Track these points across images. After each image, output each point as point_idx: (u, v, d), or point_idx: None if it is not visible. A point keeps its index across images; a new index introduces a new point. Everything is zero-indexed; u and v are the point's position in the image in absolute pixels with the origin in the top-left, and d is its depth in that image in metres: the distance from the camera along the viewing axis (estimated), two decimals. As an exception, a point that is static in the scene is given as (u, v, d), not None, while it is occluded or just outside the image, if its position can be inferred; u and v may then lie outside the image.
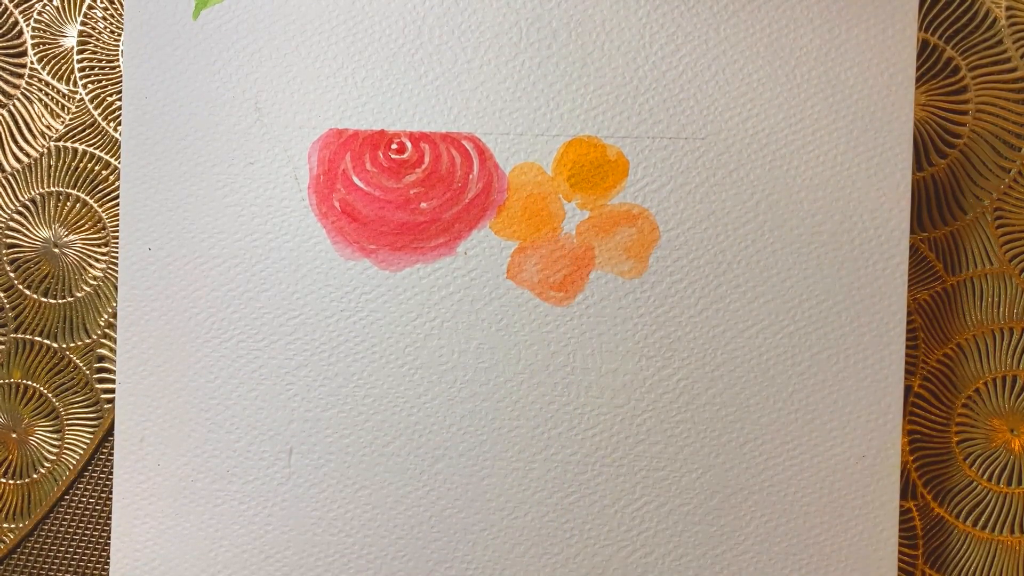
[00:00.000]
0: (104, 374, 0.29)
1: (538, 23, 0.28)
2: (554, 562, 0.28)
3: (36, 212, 0.30)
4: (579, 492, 0.27)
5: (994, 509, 0.29)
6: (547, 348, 0.27)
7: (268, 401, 0.28)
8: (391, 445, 0.28)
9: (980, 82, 0.28)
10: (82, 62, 0.29)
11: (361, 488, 0.28)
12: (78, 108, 0.29)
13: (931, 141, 0.29)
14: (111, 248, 0.29)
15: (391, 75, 0.28)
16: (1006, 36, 0.28)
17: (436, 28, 0.28)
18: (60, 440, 0.30)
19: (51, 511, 0.29)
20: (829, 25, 0.27)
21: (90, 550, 0.29)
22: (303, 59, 0.28)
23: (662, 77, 0.27)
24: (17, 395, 0.30)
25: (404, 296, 0.28)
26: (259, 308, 0.28)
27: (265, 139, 0.28)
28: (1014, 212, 0.29)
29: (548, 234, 0.27)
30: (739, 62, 0.27)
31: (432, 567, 0.28)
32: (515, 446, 0.28)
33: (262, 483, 0.28)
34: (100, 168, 0.29)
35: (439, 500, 0.28)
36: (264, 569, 0.28)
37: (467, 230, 0.28)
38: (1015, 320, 0.29)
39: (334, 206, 0.28)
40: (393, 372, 0.28)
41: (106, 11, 0.29)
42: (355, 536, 0.28)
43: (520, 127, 0.28)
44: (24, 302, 0.30)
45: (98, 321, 0.29)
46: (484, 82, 0.28)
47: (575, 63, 0.28)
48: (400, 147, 0.28)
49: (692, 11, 0.28)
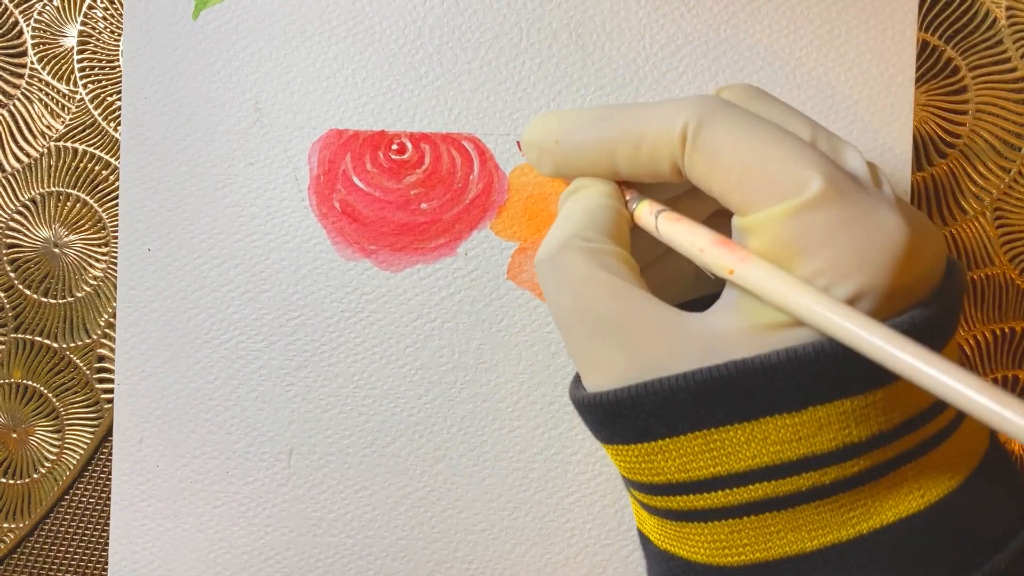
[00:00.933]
0: (104, 374, 0.29)
1: (538, 23, 0.28)
2: (554, 562, 0.28)
3: (36, 212, 0.29)
4: (579, 492, 0.27)
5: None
6: (547, 348, 0.27)
7: (268, 402, 0.28)
8: (391, 446, 0.28)
9: (980, 82, 0.28)
10: (82, 62, 0.29)
11: (361, 489, 0.28)
12: (78, 108, 0.29)
13: (931, 141, 0.29)
14: (111, 248, 0.29)
15: (391, 75, 0.28)
16: (1006, 36, 0.28)
17: (436, 28, 0.28)
18: (60, 440, 0.30)
19: (51, 511, 0.29)
20: (829, 25, 0.27)
21: (90, 550, 0.29)
22: (303, 59, 0.28)
23: (662, 77, 0.27)
24: (17, 395, 0.30)
25: (404, 297, 0.28)
26: (259, 309, 0.28)
27: (265, 139, 0.28)
28: (1014, 212, 0.29)
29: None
30: (739, 62, 0.27)
31: (432, 567, 0.28)
32: (515, 446, 0.28)
33: (262, 484, 0.28)
34: (100, 168, 0.29)
35: (439, 501, 0.28)
36: (264, 570, 0.28)
37: (468, 231, 0.28)
38: (1015, 320, 0.29)
39: (334, 206, 0.28)
40: (393, 373, 0.28)
41: (106, 11, 0.29)
42: (355, 537, 0.28)
43: (520, 127, 0.27)
44: (24, 302, 0.30)
45: (98, 321, 0.29)
46: (484, 82, 0.28)
47: (575, 63, 0.28)
48: (400, 147, 0.28)
49: (692, 11, 0.27)
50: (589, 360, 0.18)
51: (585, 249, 0.18)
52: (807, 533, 0.17)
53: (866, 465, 0.16)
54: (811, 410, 0.16)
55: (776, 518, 0.17)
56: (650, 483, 0.18)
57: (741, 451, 0.16)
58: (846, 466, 0.16)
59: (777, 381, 0.16)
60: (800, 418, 0.16)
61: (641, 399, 0.17)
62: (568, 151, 0.20)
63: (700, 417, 0.16)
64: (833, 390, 0.16)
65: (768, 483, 0.16)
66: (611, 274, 0.18)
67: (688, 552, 0.18)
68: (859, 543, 0.16)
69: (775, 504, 0.16)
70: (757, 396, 0.16)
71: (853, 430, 0.16)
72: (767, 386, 0.16)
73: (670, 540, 0.18)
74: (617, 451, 0.18)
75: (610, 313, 0.17)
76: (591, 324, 0.18)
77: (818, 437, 0.16)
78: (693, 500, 0.17)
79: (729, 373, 0.16)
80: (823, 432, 0.16)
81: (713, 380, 0.16)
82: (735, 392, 0.16)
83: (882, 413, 0.16)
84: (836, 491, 0.16)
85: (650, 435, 0.17)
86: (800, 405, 0.16)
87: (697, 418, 0.16)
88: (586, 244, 0.19)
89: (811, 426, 0.16)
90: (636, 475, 0.18)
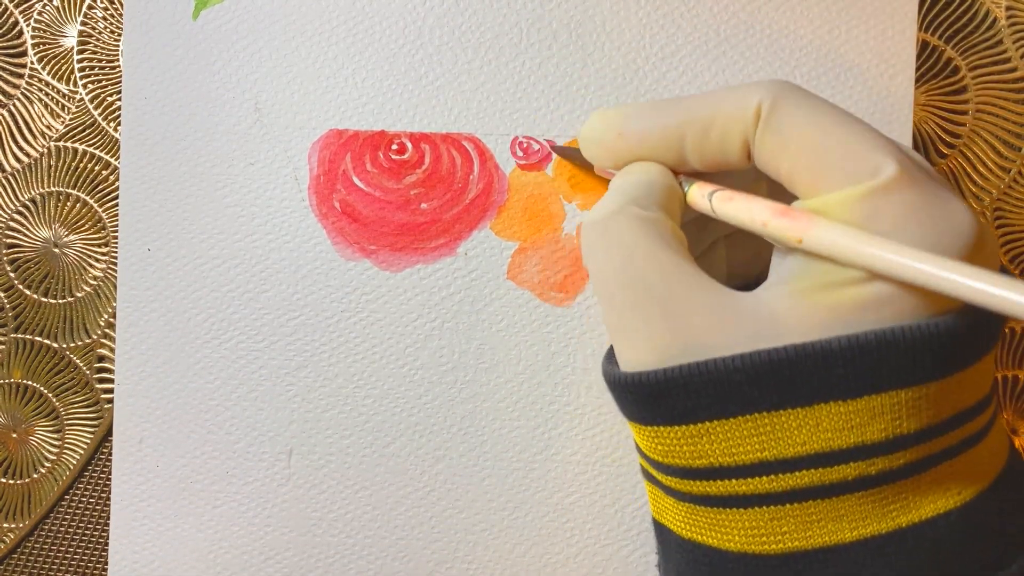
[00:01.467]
0: (104, 374, 0.29)
1: (538, 23, 0.28)
2: (554, 562, 0.28)
3: (36, 212, 0.29)
4: (579, 492, 0.27)
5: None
6: (547, 348, 0.27)
7: (268, 402, 0.28)
8: (391, 446, 0.28)
9: (980, 82, 0.28)
10: (82, 62, 0.29)
11: (361, 489, 0.28)
12: (78, 108, 0.29)
13: (931, 141, 0.29)
14: (111, 248, 0.29)
15: (391, 75, 0.28)
16: (1006, 36, 0.28)
17: (436, 28, 0.28)
18: (60, 440, 0.29)
19: (51, 511, 0.29)
20: (829, 25, 0.27)
21: (90, 550, 0.29)
22: (303, 59, 0.28)
23: (662, 77, 0.27)
24: (17, 395, 0.30)
25: (404, 297, 0.28)
26: (259, 309, 0.28)
27: (265, 139, 0.28)
28: (1014, 212, 0.29)
29: (548, 235, 0.27)
30: (739, 62, 0.27)
31: (432, 567, 0.28)
32: (515, 446, 0.28)
33: (262, 484, 0.28)
34: (100, 168, 0.29)
35: (439, 501, 0.28)
36: (264, 570, 0.28)
37: (467, 231, 0.28)
38: (1015, 320, 0.29)
39: (334, 207, 0.28)
40: (393, 373, 0.28)
41: (106, 11, 0.29)
42: (355, 537, 0.28)
43: (520, 127, 0.27)
44: (24, 302, 0.30)
45: (98, 321, 0.29)
46: (484, 82, 0.28)
47: (575, 63, 0.28)
48: (400, 147, 0.28)
49: (692, 11, 0.27)
50: (629, 331, 0.18)
51: (641, 217, 0.18)
52: (848, 523, 0.16)
53: (912, 458, 0.16)
54: (866, 399, 0.16)
55: (818, 506, 0.16)
56: (689, 467, 0.17)
57: (792, 437, 0.16)
58: (893, 458, 0.16)
59: (836, 367, 0.15)
60: (855, 406, 0.16)
61: (693, 380, 0.16)
62: (632, 142, 0.20)
63: (753, 400, 0.16)
64: (890, 379, 0.15)
65: (815, 471, 0.16)
66: (665, 245, 0.18)
67: (720, 540, 0.18)
68: (897, 536, 0.16)
69: (820, 492, 0.16)
70: (814, 381, 0.16)
71: (904, 421, 0.16)
72: (825, 372, 0.16)
73: (700, 528, 0.18)
74: (655, 433, 0.18)
75: (660, 283, 0.17)
76: (638, 293, 0.17)
77: (870, 426, 0.16)
78: (735, 485, 0.17)
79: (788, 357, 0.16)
80: (875, 421, 0.16)
81: (771, 363, 0.16)
82: (792, 376, 0.16)
83: (933, 406, 0.16)
84: (881, 483, 0.16)
85: (697, 416, 0.17)
86: (856, 393, 0.16)
87: (749, 401, 0.16)
88: (642, 212, 0.18)
89: (865, 415, 0.16)
90: (674, 458, 0.18)
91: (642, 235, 0.18)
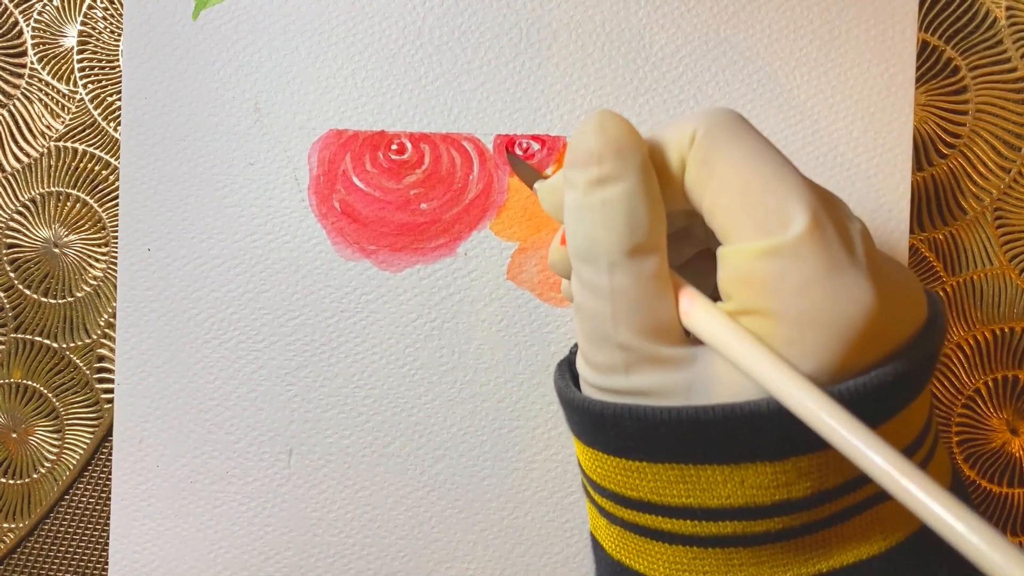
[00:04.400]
0: (104, 374, 0.29)
1: (538, 23, 0.28)
2: (554, 562, 0.28)
3: (36, 212, 0.29)
4: (579, 492, 0.27)
5: (994, 509, 0.29)
6: (547, 348, 0.27)
7: (268, 402, 0.28)
8: (391, 446, 0.28)
9: (980, 82, 0.28)
10: (82, 62, 0.29)
11: (361, 489, 0.28)
12: (78, 108, 0.29)
13: (931, 141, 0.29)
14: (111, 248, 0.29)
15: (391, 75, 0.28)
16: (1006, 36, 0.28)
17: (436, 28, 0.28)
18: (60, 440, 0.30)
19: (51, 511, 0.29)
20: (829, 25, 0.27)
21: (90, 550, 0.29)
22: (303, 59, 0.28)
23: (662, 77, 0.27)
24: (17, 395, 0.30)
25: (404, 297, 0.28)
26: (259, 309, 0.28)
27: (265, 139, 0.28)
28: (1014, 212, 0.29)
29: (548, 235, 0.27)
30: (739, 63, 0.27)
31: (432, 567, 0.28)
32: (515, 446, 0.28)
33: (262, 484, 0.28)
34: (100, 168, 0.29)
35: (439, 500, 0.28)
36: (264, 570, 0.28)
37: (467, 231, 0.27)
38: (1015, 320, 0.29)
39: (334, 207, 0.28)
40: (393, 373, 0.28)
41: (106, 11, 0.29)
42: (355, 536, 0.28)
43: (520, 127, 0.27)
44: (24, 302, 0.30)
45: (98, 321, 0.29)
46: (484, 82, 0.28)
47: (575, 63, 0.27)
48: (400, 148, 0.28)
49: (692, 11, 0.27)
50: (589, 350, 0.18)
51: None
52: (769, 569, 0.17)
53: (836, 509, 0.16)
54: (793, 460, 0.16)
55: (741, 553, 0.17)
56: (622, 495, 0.18)
57: (716, 490, 0.16)
58: (818, 511, 0.16)
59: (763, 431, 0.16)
60: (781, 467, 0.16)
61: (624, 421, 0.17)
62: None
63: (678, 452, 0.16)
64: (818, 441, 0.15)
65: (739, 522, 0.16)
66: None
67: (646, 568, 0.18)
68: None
69: (743, 541, 0.16)
70: (740, 442, 0.16)
71: (829, 477, 0.16)
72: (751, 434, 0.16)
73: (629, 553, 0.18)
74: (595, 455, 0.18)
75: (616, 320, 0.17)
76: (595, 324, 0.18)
77: (796, 485, 0.16)
78: (662, 522, 0.17)
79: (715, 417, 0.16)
80: (801, 480, 0.16)
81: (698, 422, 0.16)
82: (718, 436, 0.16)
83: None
84: (804, 533, 0.16)
85: (628, 453, 0.17)
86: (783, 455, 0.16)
87: (675, 452, 0.16)
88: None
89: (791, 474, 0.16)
90: (609, 483, 0.18)
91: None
